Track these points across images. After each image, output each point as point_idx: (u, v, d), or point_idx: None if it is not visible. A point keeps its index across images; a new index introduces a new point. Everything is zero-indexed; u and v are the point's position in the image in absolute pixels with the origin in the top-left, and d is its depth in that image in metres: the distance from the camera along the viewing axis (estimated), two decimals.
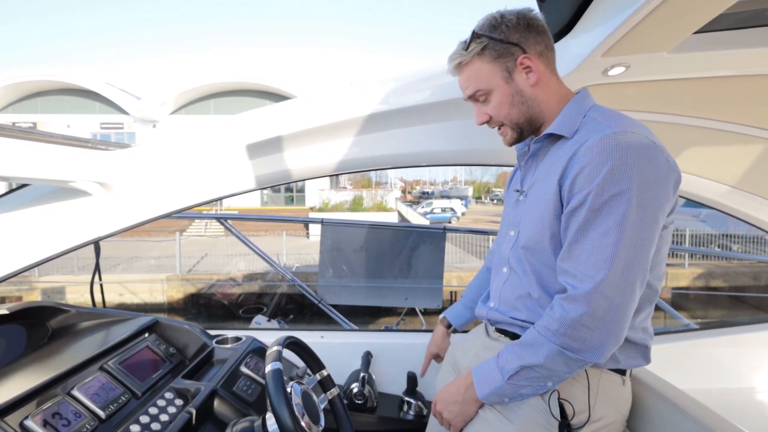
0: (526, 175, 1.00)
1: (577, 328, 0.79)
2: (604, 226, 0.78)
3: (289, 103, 1.46)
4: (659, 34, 0.98)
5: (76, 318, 1.33)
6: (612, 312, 0.78)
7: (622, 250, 0.77)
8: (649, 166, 0.78)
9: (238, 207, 18.76)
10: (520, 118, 0.93)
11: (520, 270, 0.95)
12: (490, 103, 0.94)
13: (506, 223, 1.04)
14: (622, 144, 0.78)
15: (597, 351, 0.79)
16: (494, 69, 0.90)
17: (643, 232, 0.78)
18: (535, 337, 0.84)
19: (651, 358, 0.92)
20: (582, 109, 0.90)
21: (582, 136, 0.84)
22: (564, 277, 0.84)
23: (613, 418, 0.90)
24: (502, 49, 0.89)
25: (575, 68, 1.14)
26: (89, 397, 0.94)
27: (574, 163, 0.82)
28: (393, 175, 50.27)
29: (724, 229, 12.78)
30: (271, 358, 0.86)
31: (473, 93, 0.94)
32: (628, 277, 0.78)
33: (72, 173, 1.24)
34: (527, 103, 0.92)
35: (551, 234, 0.87)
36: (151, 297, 10.61)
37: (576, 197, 0.81)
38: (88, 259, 3.37)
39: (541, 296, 0.91)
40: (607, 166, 0.77)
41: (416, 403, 1.52)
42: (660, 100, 1.31)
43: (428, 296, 2.21)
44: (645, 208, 0.78)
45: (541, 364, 0.82)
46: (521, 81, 0.91)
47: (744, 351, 1.82)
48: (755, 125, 1.35)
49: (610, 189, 0.77)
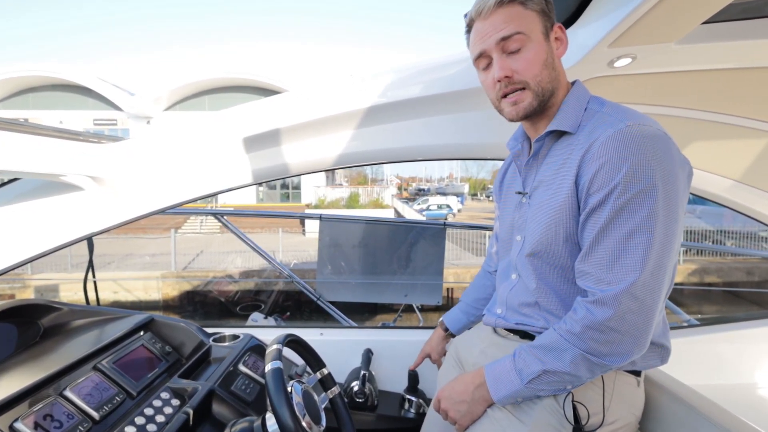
0: (527, 176, 0.95)
1: (604, 331, 0.75)
2: (630, 224, 0.74)
3: (286, 95, 1.43)
4: (667, 24, 0.96)
5: (68, 316, 1.29)
6: (642, 314, 0.74)
7: (653, 250, 0.73)
8: (668, 158, 0.75)
9: (234, 204, 18.66)
10: (547, 84, 0.84)
11: (527, 277, 0.92)
12: (521, 56, 0.82)
13: (509, 227, 0.99)
14: (638, 137, 0.74)
15: (623, 356, 0.76)
16: (537, 20, 0.82)
17: (669, 229, 0.75)
18: (557, 340, 0.81)
19: (669, 358, 0.90)
20: (582, 102, 0.86)
21: (591, 132, 0.81)
22: (585, 281, 0.80)
23: (627, 420, 0.88)
24: (546, 8, 0.83)
25: (581, 59, 1.11)
26: (82, 398, 0.91)
27: (590, 160, 0.78)
28: (389, 171, 50.30)
29: (718, 225, 12.88)
30: (271, 357, 0.83)
31: (510, 34, 0.81)
32: (658, 277, 0.74)
33: (63, 167, 1.20)
34: (556, 72, 0.85)
35: (566, 236, 0.83)
36: (146, 294, 10.54)
37: (595, 196, 0.77)
38: (82, 256, 3.33)
39: (549, 304, 0.88)
40: (628, 162, 0.73)
41: (417, 401, 1.50)
42: (666, 92, 1.29)
43: (428, 293, 2.19)
44: (670, 203, 0.74)
45: (567, 371, 0.79)
46: (553, 47, 0.85)
47: (744, 347, 1.81)
48: (761, 119, 1.33)
49: (634, 186, 0.73)
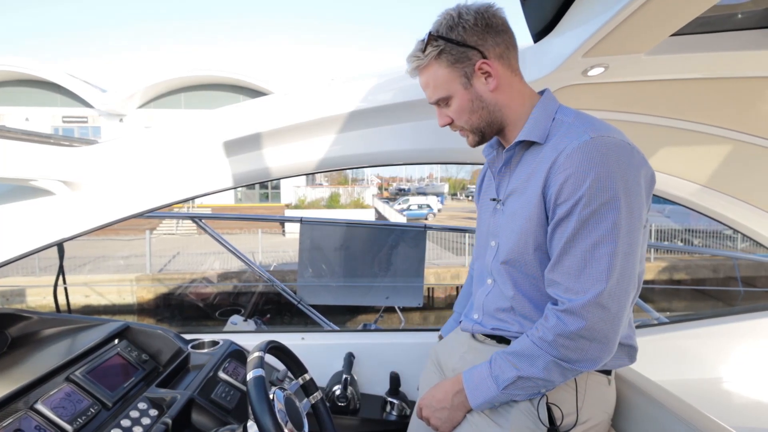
0: (500, 183, 0.98)
1: (575, 339, 0.78)
2: (595, 235, 0.77)
3: (266, 99, 1.42)
4: (638, 36, 1.00)
5: (38, 325, 1.25)
6: (610, 322, 0.77)
7: (617, 259, 0.76)
8: (631, 169, 0.79)
9: (211, 204, 18.31)
10: (481, 123, 0.92)
11: (502, 283, 0.94)
12: (451, 109, 0.92)
13: (485, 232, 1.01)
14: (602, 149, 0.78)
15: (593, 361, 0.80)
16: (452, 74, 0.88)
17: (633, 238, 0.78)
18: (531, 347, 0.83)
19: (636, 357, 0.94)
20: (549, 112, 0.89)
21: (558, 142, 0.83)
22: (554, 289, 0.83)
23: (599, 418, 0.91)
24: (459, 54, 0.86)
25: (556, 68, 1.15)
26: (54, 411, 0.88)
27: (557, 171, 0.81)
28: (370, 171, 50.24)
29: (686, 224, 13.43)
30: (252, 365, 0.82)
31: (435, 100, 0.93)
32: (623, 285, 0.78)
33: (33, 171, 1.16)
34: (487, 109, 0.90)
35: (535, 245, 0.86)
36: (120, 299, 10.22)
37: (562, 207, 0.80)
38: (51, 259, 3.21)
39: (524, 309, 0.91)
40: (592, 173, 0.76)
41: (399, 403, 1.51)
42: (636, 101, 1.35)
43: (409, 294, 2.21)
44: (632, 213, 0.78)
45: (540, 377, 0.82)
46: (480, 86, 0.88)
47: (710, 342, 1.90)
48: (724, 126, 1.40)
49: (598, 197, 0.76)
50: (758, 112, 1.34)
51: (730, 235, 12.42)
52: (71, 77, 21.55)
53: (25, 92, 21.63)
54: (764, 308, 1.93)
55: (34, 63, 20.95)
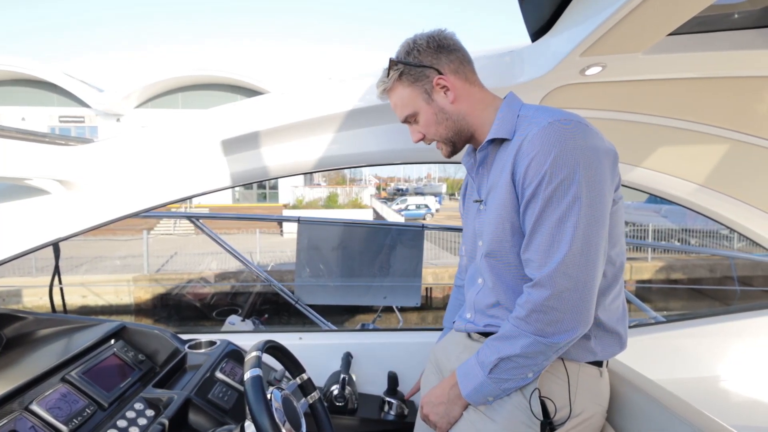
0: (480, 184, 1.02)
1: (546, 311, 0.81)
2: (558, 211, 0.81)
3: (263, 98, 1.41)
4: (635, 35, 1.01)
5: (33, 325, 1.24)
6: (578, 291, 0.80)
7: (579, 230, 0.80)
8: (588, 146, 0.83)
9: (209, 204, 18.26)
10: (449, 133, 1.00)
11: (488, 278, 0.98)
12: (420, 124, 1.01)
13: (472, 234, 1.05)
14: (560, 131, 0.83)
15: (568, 332, 0.82)
16: (414, 92, 0.98)
17: (595, 209, 0.82)
18: (510, 329, 0.87)
19: (626, 344, 0.95)
20: (514, 111, 0.95)
21: (522, 132, 0.89)
22: (529, 268, 0.86)
23: (593, 411, 0.92)
24: (417, 73, 0.96)
25: (554, 67, 1.15)
26: (50, 411, 0.88)
27: (521, 156, 0.86)
28: (368, 171, 50.23)
29: (683, 224, 13.47)
30: (250, 365, 0.82)
31: (404, 118, 1.02)
32: (587, 254, 0.81)
33: (28, 170, 1.15)
34: (452, 119, 0.99)
35: (512, 230, 0.90)
36: (117, 299, 10.18)
37: (529, 188, 0.85)
38: (48, 259, 3.20)
39: (509, 302, 0.93)
40: (552, 153, 0.81)
41: (397, 403, 1.51)
42: (634, 100, 1.35)
43: (407, 294, 2.20)
44: (593, 186, 0.82)
45: (518, 354, 0.85)
46: (441, 100, 0.97)
47: (706, 341, 1.91)
48: (722, 126, 1.40)
49: (558, 174, 0.81)
50: (755, 111, 1.35)
51: (727, 235, 12.47)
52: (68, 77, 21.44)
53: (21, 92, 21.50)
54: (761, 307, 1.93)
55: (31, 62, 20.82)
